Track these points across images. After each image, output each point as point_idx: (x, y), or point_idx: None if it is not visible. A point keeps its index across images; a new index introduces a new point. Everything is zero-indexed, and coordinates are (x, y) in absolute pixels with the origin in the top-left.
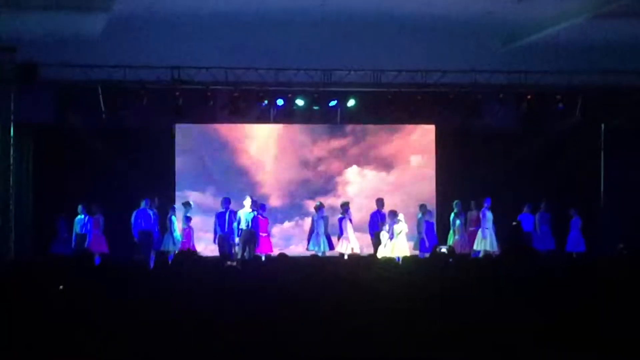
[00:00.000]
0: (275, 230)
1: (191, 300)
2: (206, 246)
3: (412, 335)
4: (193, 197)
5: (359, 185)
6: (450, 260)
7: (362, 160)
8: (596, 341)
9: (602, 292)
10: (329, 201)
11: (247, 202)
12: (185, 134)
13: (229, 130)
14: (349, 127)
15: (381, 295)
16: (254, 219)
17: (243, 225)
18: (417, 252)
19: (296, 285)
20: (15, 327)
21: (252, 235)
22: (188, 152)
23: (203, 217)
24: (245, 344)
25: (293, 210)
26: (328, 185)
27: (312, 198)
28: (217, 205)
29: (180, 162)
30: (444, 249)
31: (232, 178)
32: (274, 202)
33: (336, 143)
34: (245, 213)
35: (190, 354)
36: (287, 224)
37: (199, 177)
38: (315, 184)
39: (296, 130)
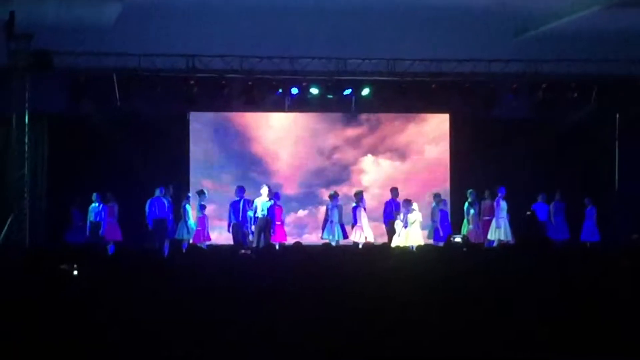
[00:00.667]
0: (290, 219)
1: (205, 288)
2: (220, 234)
3: (426, 324)
4: (207, 185)
5: (373, 174)
6: (464, 249)
7: (377, 149)
8: (611, 331)
9: (617, 282)
10: (343, 190)
11: (265, 190)
12: (199, 122)
13: (243, 119)
14: (363, 116)
15: (395, 284)
16: (271, 208)
17: (259, 213)
18: (431, 241)
19: (310, 273)
20: (30, 315)
21: (268, 223)
22: (202, 140)
23: (217, 205)
24: (256, 332)
25: (307, 199)
26: (343, 174)
27: (326, 187)
28: (231, 193)
29: (194, 150)
30: (458, 239)
31: (247, 166)
32: (289, 190)
33: (351, 132)
34: (262, 201)
35: (205, 341)
36: (301, 213)
37: (213, 166)
38: (330, 173)
39: (311, 119)
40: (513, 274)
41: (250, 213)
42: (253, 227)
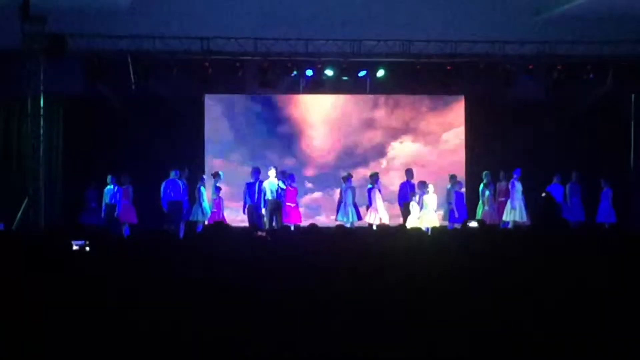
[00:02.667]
0: (306, 200)
1: (220, 270)
2: (236, 216)
3: (441, 305)
4: (223, 167)
5: (390, 157)
6: (478, 231)
7: (394, 132)
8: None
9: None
10: (361, 172)
11: (272, 172)
12: (214, 104)
13: (259, 101)
14: (380, 99)
15: (409, 266)
16: (279, 189)
17: (269, 196)
18: (446, 223)
19: (324, 255)
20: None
21: (279, 205)
22: (218, 122)
23: (233, 187)
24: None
25: (323, 181)
26: (360, 157)
27: (343, 169)
28: (247, 175)
29: (209, 132)
30: (474, 224)
31: (263, 148)
32: (305, 172)
33: (368, 114)
34: (269, 183)
35: (221, 324)
36: (317, 195)
37: (228, 148)
38: (347, 155)
39: (330, 101)
40: (531, 255)
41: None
42: (264, 210)
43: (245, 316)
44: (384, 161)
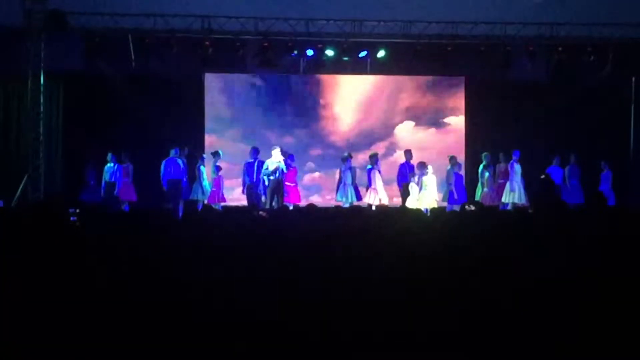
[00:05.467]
0: (305, 180)
1: (220, 248)
2: (235, 196)
3: (437, 287)
4: (222, 146)
5: (392, 139)
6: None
7: (395, 113)
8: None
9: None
10: (361, 154)
11: (276, 152)
12: (214, 83)
13: (259, 80)
14: (379, 79)
15: (407, 247)
16: (282, 169)
17: (271, 175)
18: (445, 204)
19: (322, 234)
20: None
21: (280, 184)
22: (218, 101)
23: (232, 166)
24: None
25: (323, 161)
26: (362, 138)
27: (345, 150)
28: (246, 154)
29: (209, 111)
30: (472, 208)
31: (262, 128)
32: (305, 152)
33: (367, 95)
34: (272, 162)
35: (220, 303)
36: (317, 174)
37: (228, 126)
38: (349, 136)
39: (331, 80)
40: (530, 236)
41: (263, 175)
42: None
43: (243, 292)
44: (386, 143)
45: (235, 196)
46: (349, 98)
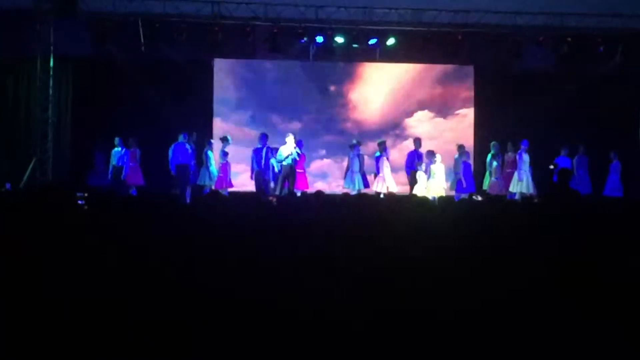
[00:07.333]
0: (314, 167)
1: (227, 234)
2: (243, 181)
3: (445, 274)
4: (231, 131)
5: (403, 128)
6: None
7: (405, 102)
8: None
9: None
10: (371, 142)
11: (290, 139)
12: (224, 69)
13: (268, 66)
14: (390, 67)
15: (415, 234)
16: (294, 156)
17: (285, 162)
18: (453, 193)
19: (329, 221)
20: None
21: (293, 171)
22: (226, 86)
23: (241, 152)
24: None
25: (332, 147)
26: (371, 126)
27: (353, 137)
28: (254, 140)
29: (218, 96)
30: (480, 198)
31: (271, 113)
32: (314, 138)
33: (377, 83)
34: (286, 149)
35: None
36: (325, 161)
37: (237, 112)
38: (358, 124)
39: (336, 68)
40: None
41: (273, 161)
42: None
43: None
44: (396, 131)
45: (240, 181)
46: (359, 86)
